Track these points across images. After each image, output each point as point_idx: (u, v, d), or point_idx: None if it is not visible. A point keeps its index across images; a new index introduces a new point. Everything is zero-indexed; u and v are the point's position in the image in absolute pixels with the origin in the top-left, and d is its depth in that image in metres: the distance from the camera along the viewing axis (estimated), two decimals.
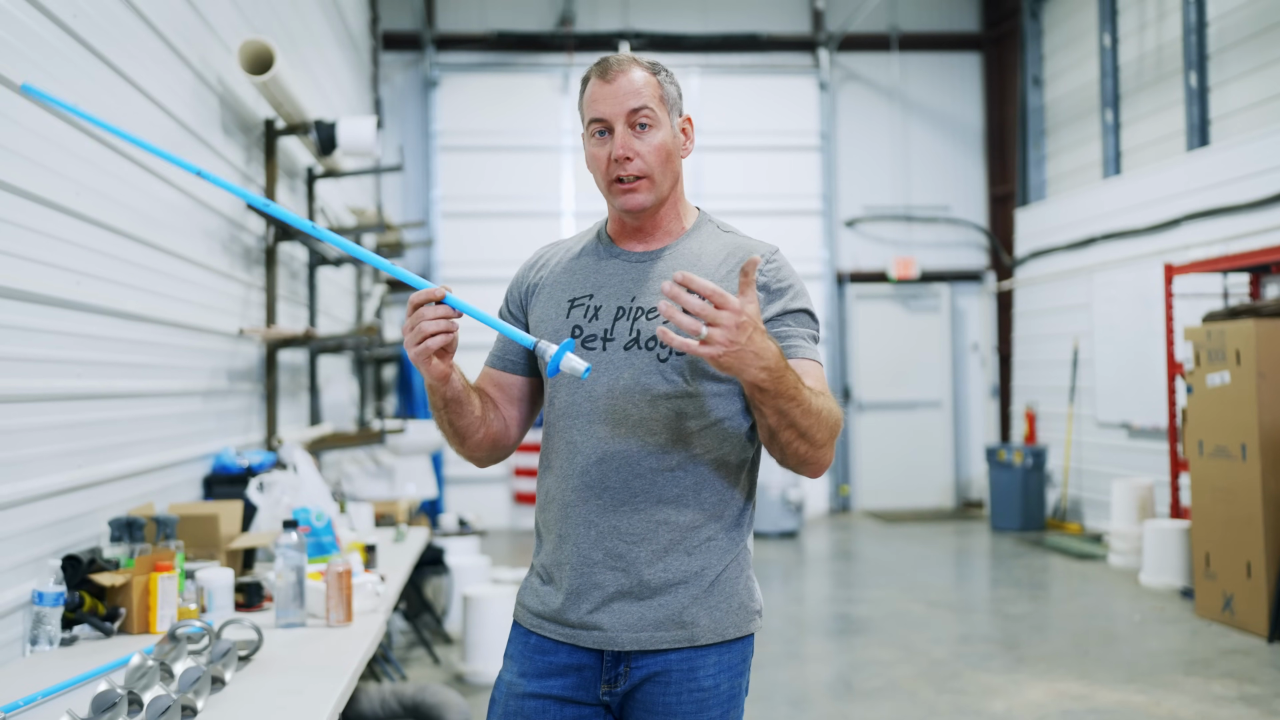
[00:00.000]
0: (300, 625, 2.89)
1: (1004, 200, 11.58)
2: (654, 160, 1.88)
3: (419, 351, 1.72)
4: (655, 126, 1.88)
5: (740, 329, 1.59)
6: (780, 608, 7.09)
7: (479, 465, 2.01)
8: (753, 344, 1.61)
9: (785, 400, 1.70)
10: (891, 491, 11.58)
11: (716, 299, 1.58)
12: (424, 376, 1.79)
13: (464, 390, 1.87)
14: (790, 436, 1.76)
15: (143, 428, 3.64)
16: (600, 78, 1.89)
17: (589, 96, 1.90)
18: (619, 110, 1.86)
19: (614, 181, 1.88)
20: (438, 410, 1.88)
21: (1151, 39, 8.92)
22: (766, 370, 1.64)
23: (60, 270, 2.95)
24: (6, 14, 2.66)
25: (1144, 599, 6.87)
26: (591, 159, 1.92)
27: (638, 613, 1.85)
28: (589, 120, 1.90)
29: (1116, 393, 9.07)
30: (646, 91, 1.88)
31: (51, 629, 2.67)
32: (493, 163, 11.09)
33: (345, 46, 8.52)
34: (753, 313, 1.61)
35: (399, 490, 6.64)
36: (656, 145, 1.88)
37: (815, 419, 1.75)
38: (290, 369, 6.04)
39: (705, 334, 1.58)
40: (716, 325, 1.58)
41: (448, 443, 1.96)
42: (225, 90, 4.71)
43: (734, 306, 1.59)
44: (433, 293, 1.71)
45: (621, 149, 1.85)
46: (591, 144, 1.91)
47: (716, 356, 1.60)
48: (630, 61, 1.90)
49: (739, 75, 11.47)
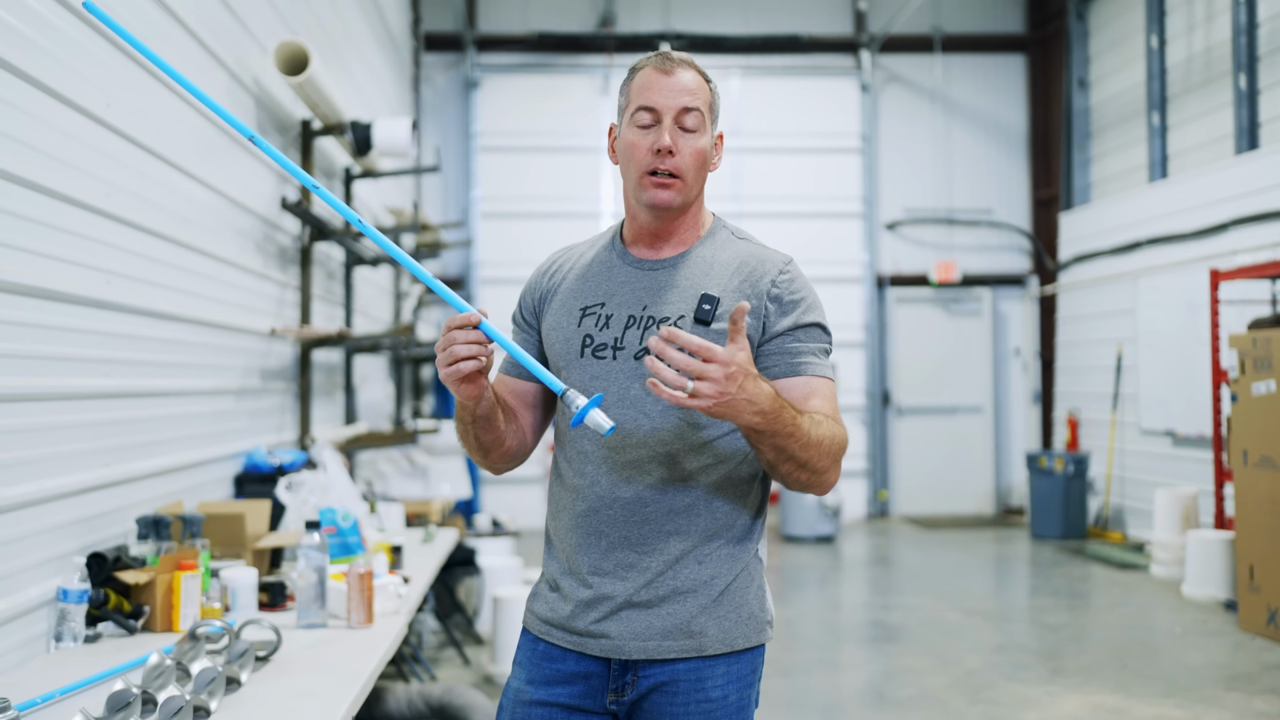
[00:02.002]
0: (321, 626, 2.90)
1: (1048, 204, 11.42)
2: (692, 163, 1.86)
3: (450, 373, 1.71)
4: (700, 131, 1.87)
5: (730, 379, 1.59)
6: (815, 614, 7.04)
7: (495, 473, 2.00)
8: (744, 391, 1.61)
9: (783, 438, 1.70)
10: (931, 497, 11.46)
11: (704, 353, 1.58)
12: (458, 395, 1.78)
13: (493, 407, 1.86)
14: (790, 468, 1.76)
15: (173, 426, 3.67)
16: (658, 68, 1.87)
17: (641, 83, 1.88)
18: (672, 104, 1.84)
19: (648, 174, 1.86)
20: (465, 425, 1.87)
21: (1200, 40, 8.76)
22: (760, 414, 1.65)
23: (91, 270, 2.98)
24: (39, 17, 2.69)
25: (1186, 611, 6.74)
26: (630, 146, 1.88)
27: (645, 621, 1.83)
28: (637, 106, 1.86)
29: (1161, 400, 8.92)
30: (700, 95, 1.87)
31: (75, 626, 2.69)
32: (532, 163, 11.11)
33: (386, 47, 8.57)
34: (743, 361, 1.60)
35: (433, 490, 6.67)
36: (697, 149, 1.87)
37: (815, 450, 1.74)
38: (325, 368, 6.08)
39: (692, 388, 1.59)
40: (704, 379, 1.58)
41: (469, 454, 1.95)
42: (261, 91, 4.74)
43: (721, 358, 1.58)
44: (468, 318, 1.70)
45: (669, 140, 1.83)
46: (632, 131, 1.87)
47: (707, 409, 1.61)
48: (688, 61, 1.89)
49: (780, 76, 11.41)
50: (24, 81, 2.60)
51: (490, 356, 1.73)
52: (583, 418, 1.67)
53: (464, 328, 1.69)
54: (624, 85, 1.93)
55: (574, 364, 1.90)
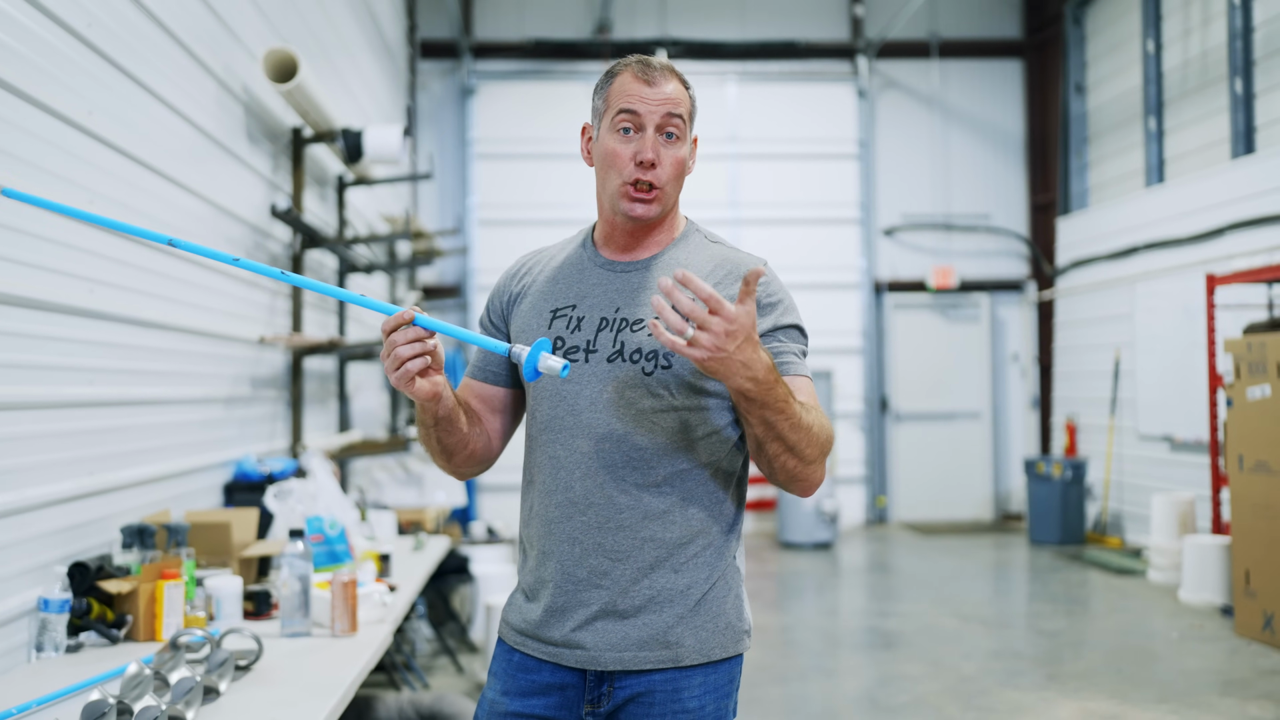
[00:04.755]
0: (305, 635, 2.88)
1: (1045, 209, 11.41)
2: (672, 174, 1.85)
3: (399, 376, 1.69)
4: (680, 140, 1.85)
5: (730, 337, 1.56)
6: (811, 620, 7.01)
7: (460, 479, 1.98)
8: (741, 353, 1.58)
9: (773, 412, 1.67)
10: (929, 503, 11.43)
11: (712, 303, 1.55)
12: (415, 398, 1.75)
13: (454, 408, 1.84)
14: (777, 449, 1.72)
15: (160, 435, 3.65)
16: (640, 75, 1.83)
17: (621, 88, 1.84)
18: (656, 112, 1.82)
19: (629, 184, 1.83)
20: (427, 428, 1.85)
21: (1196, 45, 8.75)
22: (754, 380, 1.62)
23: (72, 278, 2.97)
24: (16, 23, 2.68)
25: (1183, 616, 6.71)
26: (610, 154, 1.84)
27: (621, 632, 1.81)
28: (618, 110, 1.83)
29: (1159, 405, 8.90)
30: (682, 103, 1.85)
31: (57, 635, 2.68)
32: (529, 170, 11.10)
33: (380, 54, 8.56)
34: (746, 323, 1.58)
35: (428, 498, 6.64)
36: (677, 159, 1.85)
37: (804, 434, 1.71)
38: (319, 376, 6.06)
39: (691, 335, 1.56)
40: (705, 329, 1.56)
41: (432, 459, 1.92)
42: (251, 99, 4.73)
43: (727, 314, 1.56)
44: (401, 316, 1.67)
45: (652, 153, 1.81)
46: (613, 137, 1.84)
47: (701, 360, 1.58)
48: (670, 69, 1.87)
49: (777, 82, 11.40)
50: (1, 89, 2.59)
51: (438, 351, 1.71)
52: (535, 366, 1.65)
53: (399, 328, 1.67)
54: (601, 87, 1.90)
55: None
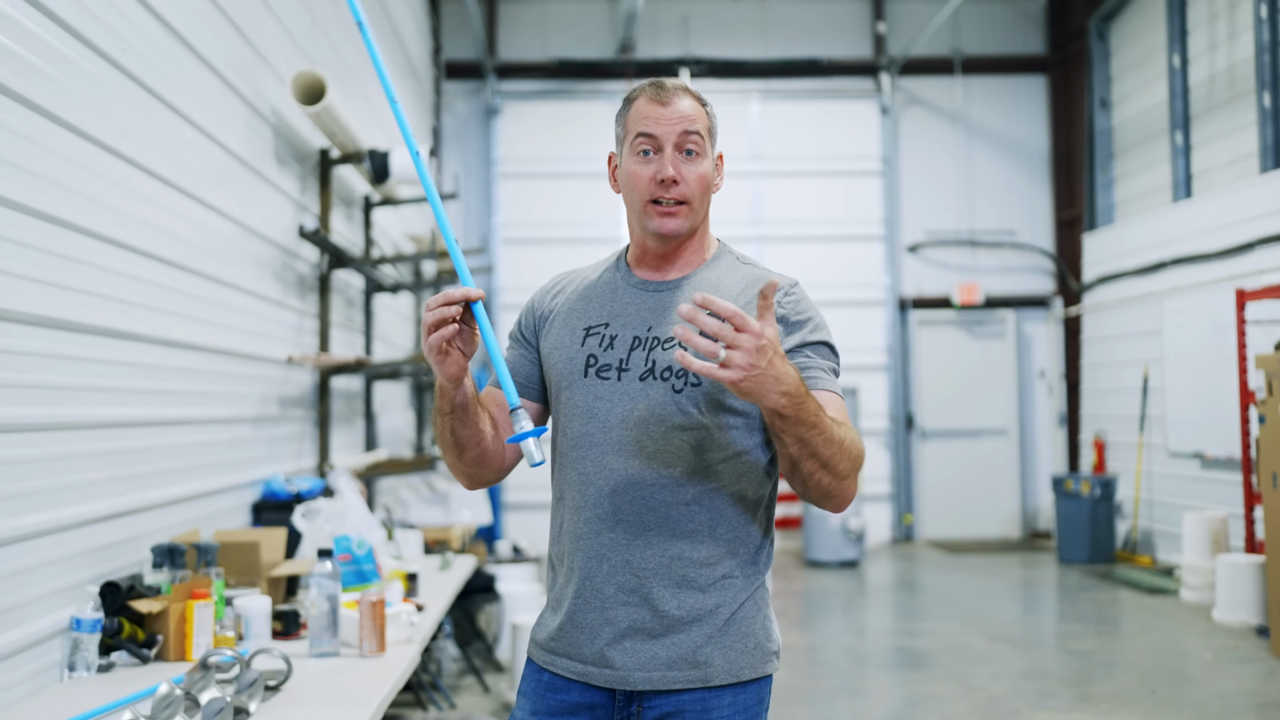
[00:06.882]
0: (334, 655, 2.88)
1: (1071, 224, 11.35)
2: (696, 188, 1.87)
3: (433, 340, 1.71)
4: (701, 155, 1.87)
5: (760, 352, 1.56)
6: (838, 640, 6.97)
7: (468, 484, 1.97)
8: (773, 368, 1.57)
9: (806, 428, 1.66)
10: (956, 521, 11.35)
11: (736, 321, 1.55)
12: (437, 374, 1.77)
13: (474, 400, 1.85)
14: (812, 467, 1.71)
15: (190, 454, 3.68)
16: (654, 98, 1.87)
17: (638, 112, 1.88)
18: (672, 131, 1.85)
19: (652, 203, 1.86)
20: (443, 415, 1.84)
21: (1223, 59, 8.70)
22: (787, 395, 1.60)
23: (106, 300, 3.00)
24: (56, 52, 2.72)
25: (1217, 636, 6.63)
26: (632, 176, 1.88)
27: (650, 651, 1.80)
28: (636, 134, 1.87)
29: (1189, 421, 8.81)
30: (699, 119, 1.87)
31: (89, 655, 2.69)
32: (553, 189, 11.14)
33: (406, 75, 8.63)
34: (772, 336, 1.58)
35: (454, 516, 6.65)
36: (700, 174, 1.87)
37: (838, 449, 1.70)
38: (345, 395, 6.09)
39: (724, 356, 1.55)
40: (736, 348, 1.55)
41: (443, 454, 1.92)
42: (279, 121, 4.78)
43: (754, 329, 1.55)
44: (469, 293, 1.71)
45: (671, 171, 1.84)
46: (633, 160, 1.88)
47: (736, 381, 1.57)
48: (684, 88, 1.89)
49: (800, 100, 11.42)
50: (37, 114, 2.62)
51: (473, 338, 1.73)
52: (520, 440, 1.71)
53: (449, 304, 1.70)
54: (620, 114, 1.93)
55: (577, 384, 1.88)
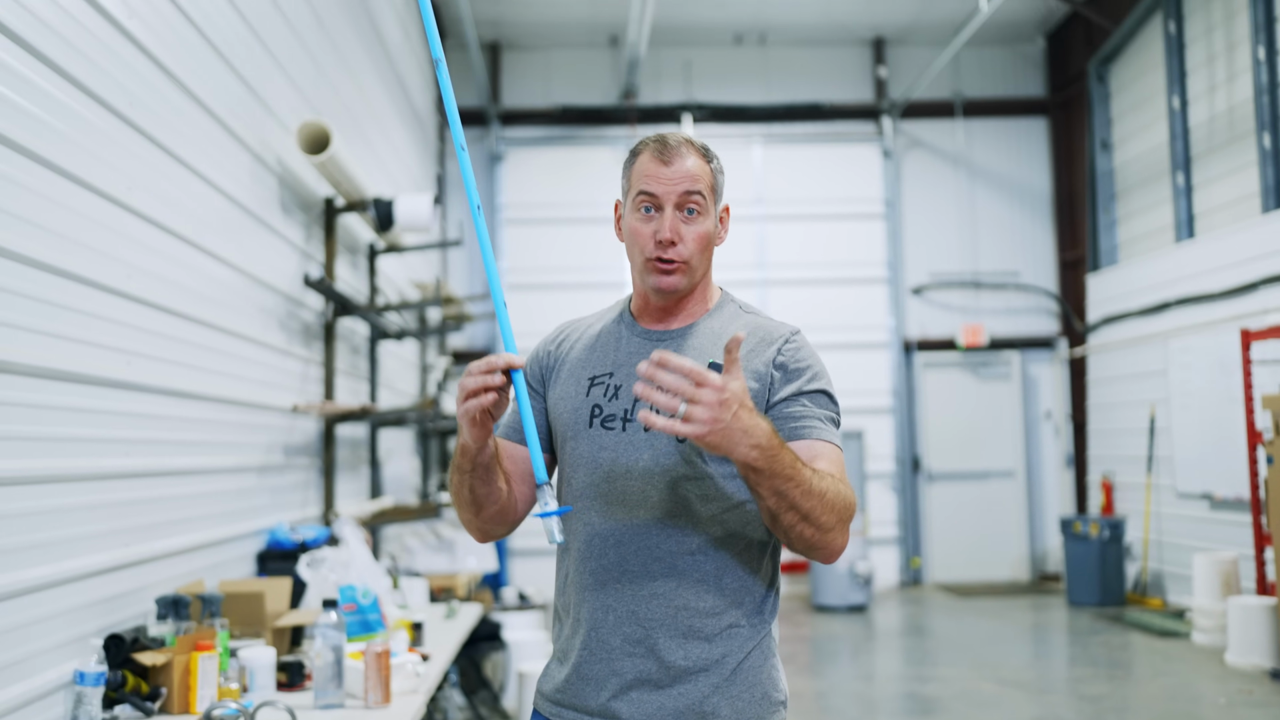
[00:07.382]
0: (338, 706, 2.86)
1: (1074, 265, 11.38)
2: (695, 248, 1.88)
3: (469, 407, 1.71)
4: (702, 214, 1.88)
5: (724, 406, 1.56)
6: (846, 685, 6.90)
7: (481, 538, 1.97)
8: (739, 421, 1.58)
9: (782, 480, 1.65)
10: (964, 564, 11.27)
11: (695, 376, 1.56)
12: (464, 436, 1.77)
13: (494, 460, 1.85)
14: (792, 519, 1.70)
15: (194, 504, 3.67)
16: (657, 156, 1.88)
17: (641, 170, 1.90)
18: (673, 191, 1.86)
19: (652, 260, 1.88)
20: (463, 473, 1.84)
21: (1222, 100, 8.76)
22: (758, 448, 1.60)
23: (110, 351, 3.00)
24: (63, 106, 2.74)
25: (1230, 680, 6.56)
26: (633, 232, 1.90)
27: (657, 702, 1.79)
28: (638, 192, 1.89)
29: (1197, 462, 8.77)
30: (702, 178, 1.88)
31: (92, 709, 2.66)
32: (557, 235, 11.20)
33: (410, 123, 8.71)
34: (736, 390, 1.58)
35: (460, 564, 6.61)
36: (700, 234, 1.88)
37: (818, 500, 1.69)
38: (350, 443, 6.09)
39: (684, 411, 1.56)
40: (697, 403, 1.56)
41: (459, 510, 1.91)
42: (284, 170, 4.81)
43: (715, 384, 1.56)
44: (512, 360, 1.73)
45: (670, 232, 1.85)
46: (635, 217, 1.90)
47: (701, 435, 1.58)
48: (688, 145, 1.90)
49: (802, 144, 11.49)
50: (42, 166, 2.64)
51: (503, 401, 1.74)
52: (545, 516, 1.73)
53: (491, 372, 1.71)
54: (626, 166, 1.95)
55: (582, 434, 1.89)
